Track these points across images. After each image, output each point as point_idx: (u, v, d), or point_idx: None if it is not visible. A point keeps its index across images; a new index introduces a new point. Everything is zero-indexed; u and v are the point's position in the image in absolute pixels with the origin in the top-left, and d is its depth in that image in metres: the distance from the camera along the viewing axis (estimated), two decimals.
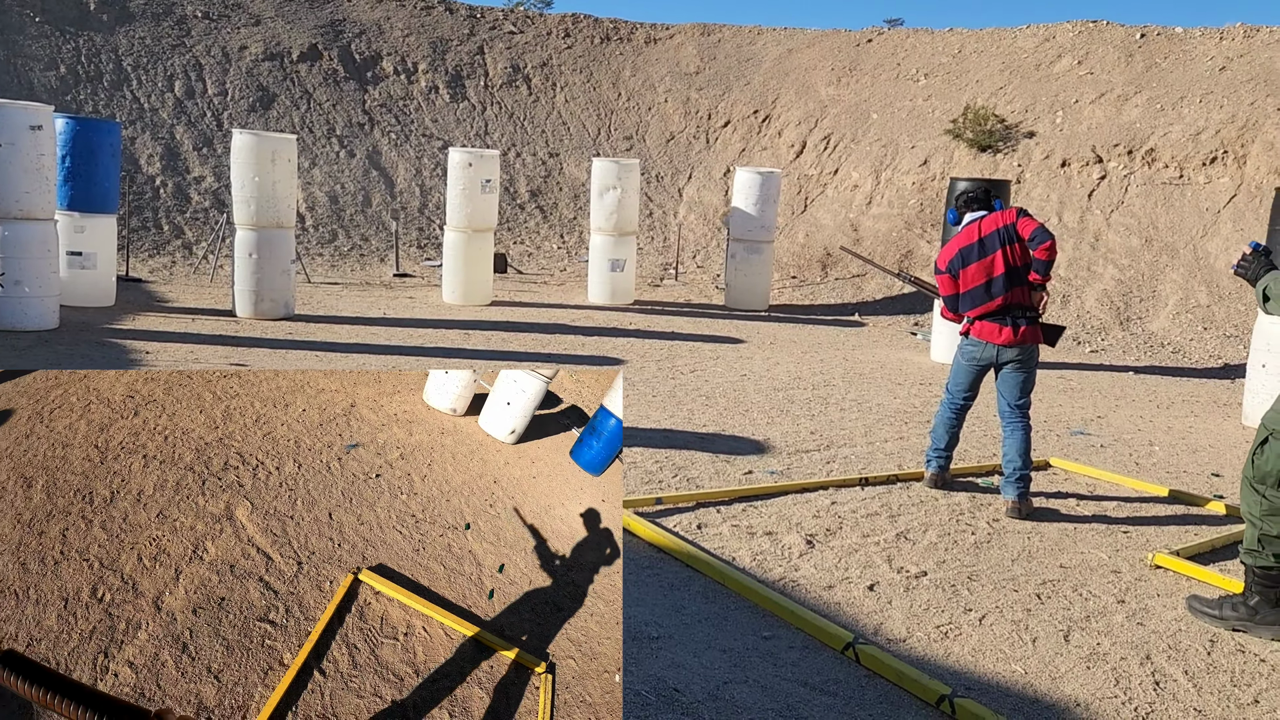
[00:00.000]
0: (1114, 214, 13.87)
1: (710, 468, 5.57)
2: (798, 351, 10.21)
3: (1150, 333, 11.82)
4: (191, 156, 16.38)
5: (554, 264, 16.64)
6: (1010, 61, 17.62)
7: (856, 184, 17.00)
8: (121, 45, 17.63)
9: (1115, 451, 6.68)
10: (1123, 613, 3.82)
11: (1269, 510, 3.63)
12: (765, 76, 20.67)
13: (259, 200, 10.07)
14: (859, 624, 3.61)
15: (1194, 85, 14.83)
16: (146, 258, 14.06)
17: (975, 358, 5.18)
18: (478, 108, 19.89)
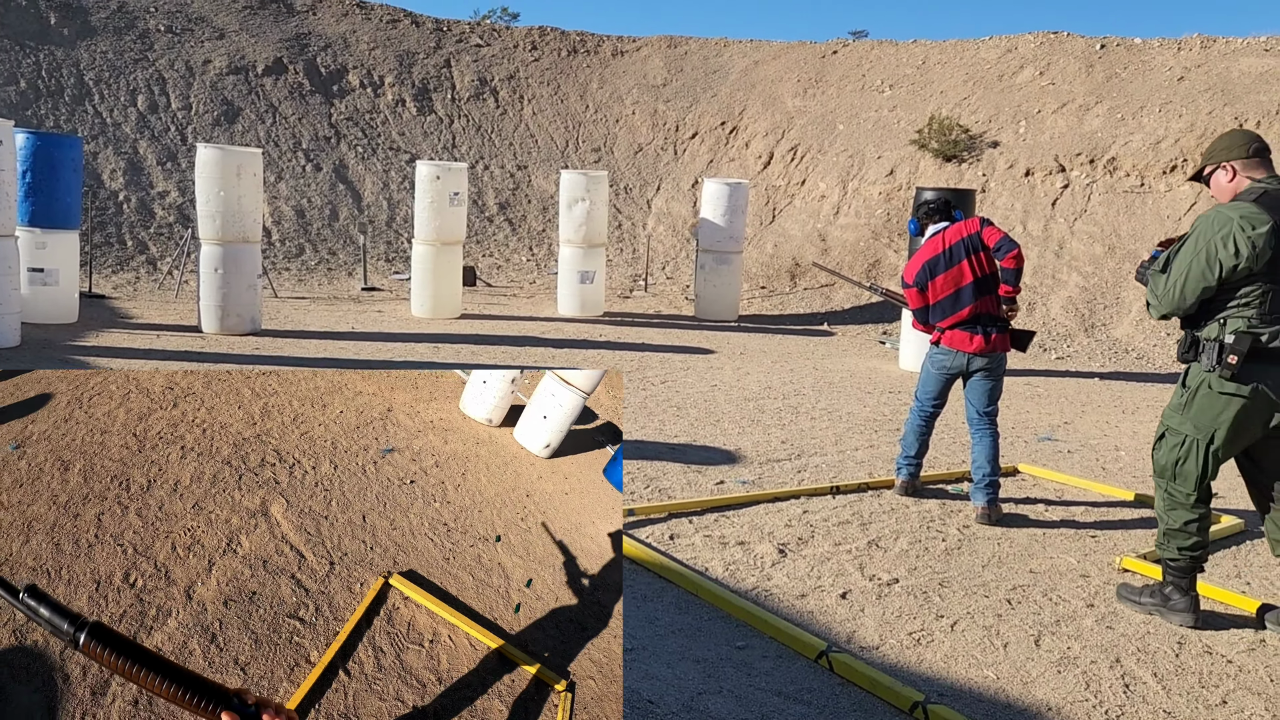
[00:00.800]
0: (1077, 222, 14.06)
1: (682, 478, 5.57)
2: (768, 361, 10.25)
3: (1115, 339, 11.98)
4: (155, 171, 16.21)
5: (523, 276, 16.61)
6: (973, 72, 17.84)
7: (824, 194, 17.12)
8: (83, 59, 17.43)
9: (1082, 457, 6.75)
10: (1092, 616, 3.85)
11: (1170, 504, 3.75)
12: (732, 88, 20.79)
13: (224, 215, 9.98)
14: (832, 632, 3.61)
15: (1153, 95, 15.09)
16: (110, 274, 13.87)
17: (945, 366, 5.22)
18: (445, 121, 19.85)
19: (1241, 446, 3.68)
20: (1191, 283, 3.56)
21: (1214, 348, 3.55)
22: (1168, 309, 3.69)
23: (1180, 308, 3.65)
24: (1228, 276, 3.51)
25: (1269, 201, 3.53)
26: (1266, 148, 3.72)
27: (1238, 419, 3.57)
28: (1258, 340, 3.49)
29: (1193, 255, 3.56)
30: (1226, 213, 3.54)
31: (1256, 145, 3.69)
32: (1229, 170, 3.69)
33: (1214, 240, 3.51)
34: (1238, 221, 3.49)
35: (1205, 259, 3.53)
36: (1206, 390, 3.61)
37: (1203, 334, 3.63)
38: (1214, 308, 3.61)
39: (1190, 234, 3.64)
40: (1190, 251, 3.57)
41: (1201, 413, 3.63)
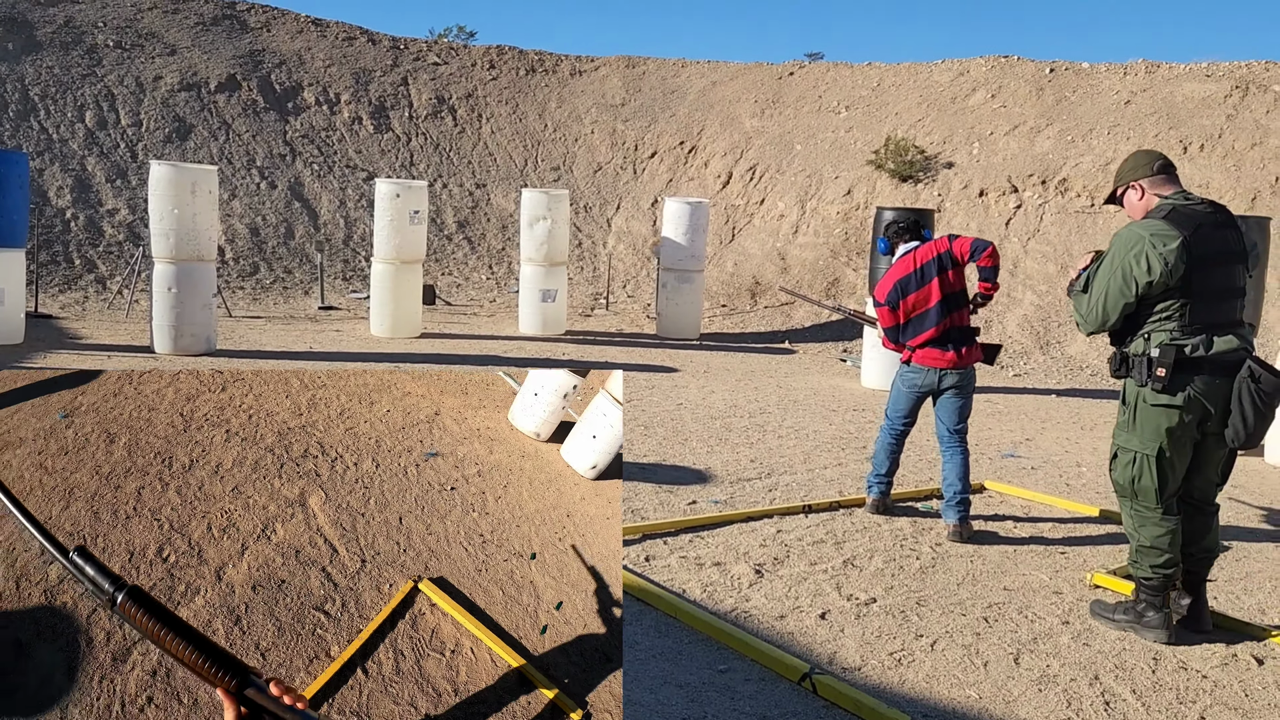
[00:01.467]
0: (1030, 241, 14.31)
1: (654, 498, 5.53)
2: (732, 380, 10.26)
3: (1069, 356, 12.18)
4: (104, 189, 15.88)
5: (483, 295, 16.50)
6: (927, 95, 18.13)
7: (783, 214, 17.25)
8: (28, 75, 17.06)
9: (1046, 473, 6.82)
10: (1068, 634, 3.87)
11: (1140, 521, 3.81)
12: (690, 108, 20.92)
13: (178, 233, 9.78)
14: (813, 653, 3.59)
15: (1102, 118, 15.44)
16: (57, 293, 13.54)
17: (916, 384, 5.24)
18: (402, 139, 19.71)
19: (1189, 452, 3.76)
20: (1111, 300, 3.69)
21: (1143, 362, 3.67)
22: (1093, 327, 3.83)
23: (1104, 325, 3.77)
24: (1145, 292, 3.63)
25: (1178, 217, 3.65)
26: (1171, 164, 3.88)
27: (1176, 429, 3.68)
28: (1181, 351, 3.60)
29: (1110, 274, 3.68)
30: (1138, 231, 3.66)
31: (1161, 163, 3.84)
32: (1138, 189, 3.84)
33: (1128, 259, 3.63)
34: (1149, 239, 3.61)
35: (1121, 277, 3.65)
36: (1143, 404, 3.71)
37: (1130, 349, 3.73)
38: (1137, 323, 3.73)
39: (1107, 253, 3.74)
40: (1107, 271, 3.70)
41: (1143, 427, 3.73)
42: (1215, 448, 3.82)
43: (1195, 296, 3.62)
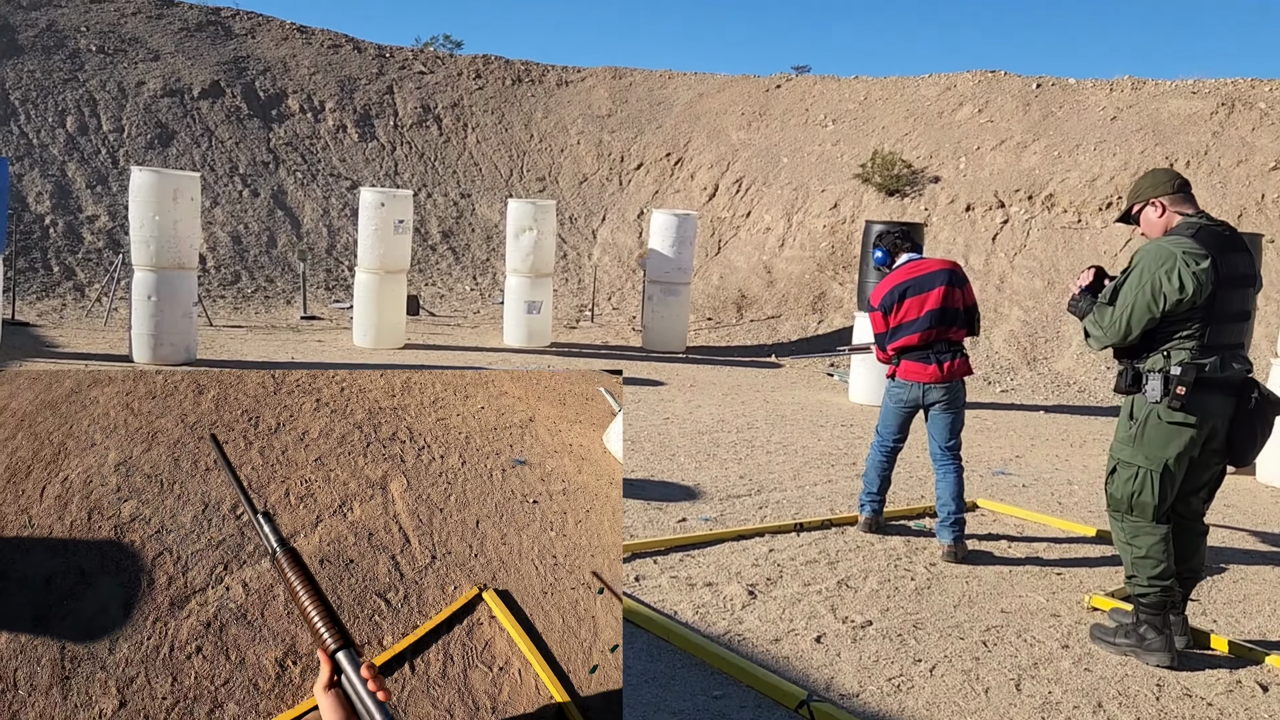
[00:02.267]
0: (1017, 257, 14.31)
1: (643, 515, 5.42)
2: (718, 394, 10.17)
3: (1056, 372, 12.16)
4: (84, 195, 15.67)
5: (467, 306, 16.37)
6: (914, 109, 18.16)
7: (769, 226, 17.21)
8: (9, 79, 16.84)
9: (1037, 491, 6.76)
10: (1069, 658, 3.79)
11: (1133, 532, 3.77)
12: (677, 120, 20.89)
13: (159, 240, 9.62)
14: (810, 679, 3.49)
15: (1088, 134, 15.48)
16: (34, 300, 13.32)
17: (902, 399, 5.17)
18: (387, 147, 19.58)
19: (1186, 469, 3.73)
20: (1137, 315, 3.63)
21: (1159, 379, 3.62)
22: (1112, 340, 3.77)
23: (1124, 339, 3.72)
24: (1171, 309, 3.58)
25: (1206, 237, 3.62)
26: (1189, 184, 3.85)
27: (1187, 447, 3.66)
28: (1201, 371, 3.56)
29: (1138, 289, 3.62)
30: (1169, 247, 3.61)
31: (1180, 181, 3.82)
32: (1158, 206, 3.80)
33: (1159, 274, 3.58)
34: (1181, 256, 3.56)
35: (1150, 292, 3.60)
36: (1155, 421, 3.67)
37: (1145, 366, 3.69)
38: (1155, 341, 3.69)
39: (1132, 267, 3.69)
40: (1135, 285, 3.63)
41: (1151, 443, 3.68)
42: (1209, 465, 3.79)
43: (1215, 318, 3.60)
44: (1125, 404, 3.82)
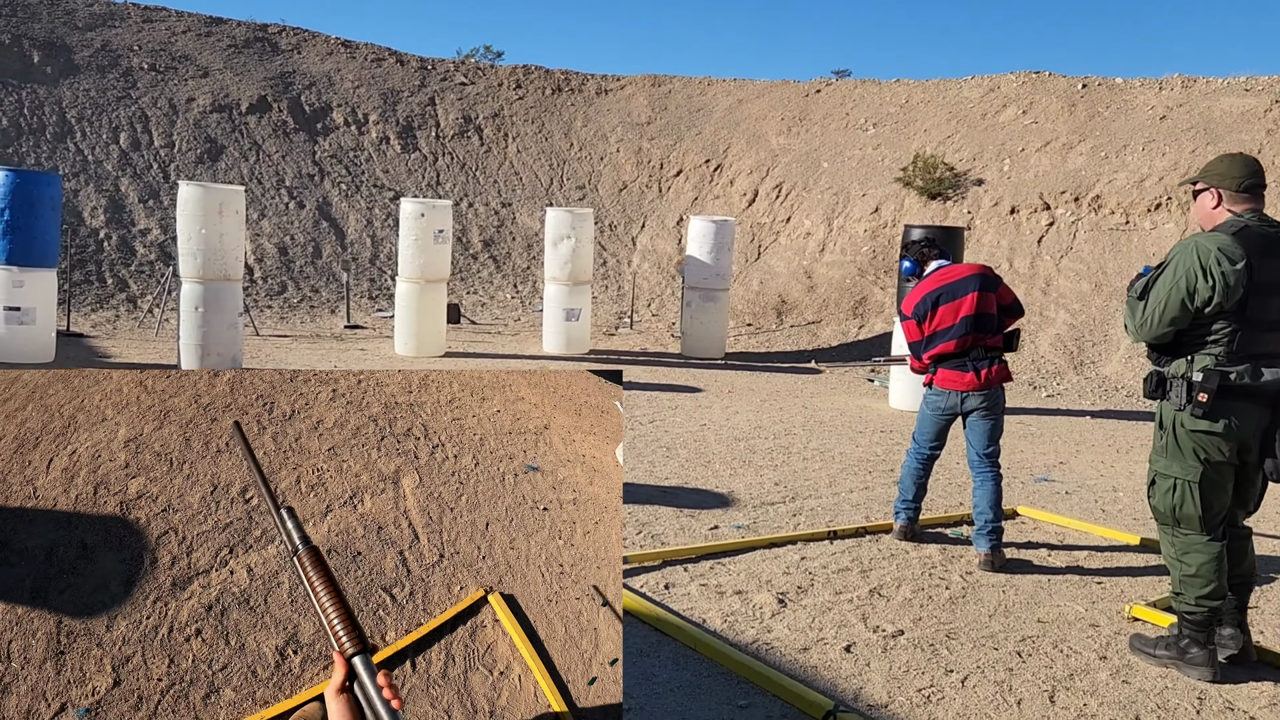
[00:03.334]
0: (1063, 260, 14.08)
1: (675, 523, 5.41)
2: (756, 400, 10.12)
3: (1104, 377, 11.93)
4: (137, 209, 16.05)
5: (508, 314, 16.48)
6: (957, 111, 17.96)
7: (809, 231, 17.11)
8: (65, 97, 17.31)
9: (1081, 498, 6.63)
10: (1106, 670, 3.71)
11: (1183, 548, 3.65)
12: (716, 126, 20.86)
13: (206, 252, 9.82)
14: (838, 689, 3.45)
15: (1136, 134, 15.20)
16: (89, 312, 13.66)
17: (940, 408, 5.10)
18: (429, 158, 19.80)
19: (1231, 478, 3.60)
20: (1169, 311, 3.53)
21: (1182, 385, 3.52)
22: (1146, 336, 3.66)
23: (1156, 335, 3.61)
24: (1202, 306, 3.46)
25: (1247, 237, 3.48)
26: (1261, 185, 3.64)
27: (1215, 455, 3.55)
28: (1225, 378, 3.44)
29: (1171, 283, 3.51)
30: (1205, 243, 3.49)
31: (1250, 181, 3.60)
32: (1215, 196, 3.63)
33: (1192, 268, 3.47)
34: (1215, 254, 3.45)
35: (1185, 287, 3.48)
36: (1180, 430, 3.57)
37: (1169, 371, 3.59)
38: (1183, 344, 3.58)
39: (1167, 262, 3.57)
40: (1170, 279, 3.52)
41: (1184, 453, 3.59)
42: (1254, 477, 3.67)
43: (1248, 324, 3.46)
44: (1156, 411, 3.72)
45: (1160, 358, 3.65)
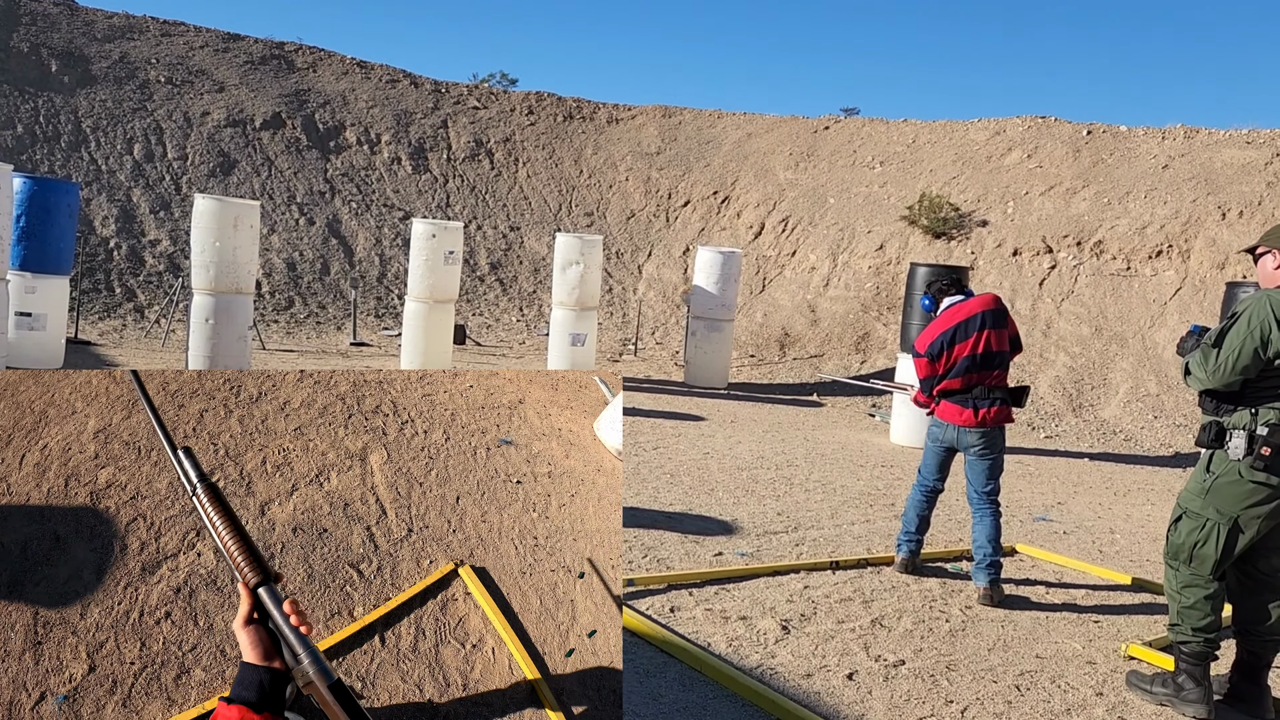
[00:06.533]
0: (1064, 303, 14.21)
1: (680, 548, 5.48)
2: (759, 430, 10.21)
3: (1102, 420, 12.02)
4: (148, 219, 16.19)
5: (512, 336, 16.59)
6: (962, 152, 18.17)
7: (814, 266, 17.27)
8: (81, 107, 17.51)
9: (1078, 538, 6.71)
10: (1102, 706, 3.78)
11: (1185, 583, 3.75)
12: (725, 159, 21.08)
13: (219, 265, 9.93)
14: (840, 715, 3.52)
15: (1139, 181, 15.39)
16: (97, 320, 13.75)
17: (938, 438, 5.20)
18: (439, 180, 19.99)
19: (1260, 532, 3.68)
20: (1243, 360, 3.63)
21: (1244, 436, 3.61)
22: (1215, 383, 3.73)
23: (1226, 381, 3.69)
24: (1274, 357, 3.58)
25: None
26: None
27: (1264, 506, 3.62)
28: None
29: (1246, 333, 3.63)
30: (1278, 297, 3.62)
31: None
32: (1277, 258, 3.78)
33: (1267, 319, 3.59)
34: None
35: (1260, 337, 3.59)
36: (1235, 477, 3.64)
37: (1230, 422, 3.66)
38: (1244, 397, 3.68)
39: (1240, 313, 3.69)
40: (1244, 329, 3.64)
41: (1226, 498, 3.66)
42: None
43: None
44: (1204, 457, 3.79)
45: (1220, 408, 3.74)
